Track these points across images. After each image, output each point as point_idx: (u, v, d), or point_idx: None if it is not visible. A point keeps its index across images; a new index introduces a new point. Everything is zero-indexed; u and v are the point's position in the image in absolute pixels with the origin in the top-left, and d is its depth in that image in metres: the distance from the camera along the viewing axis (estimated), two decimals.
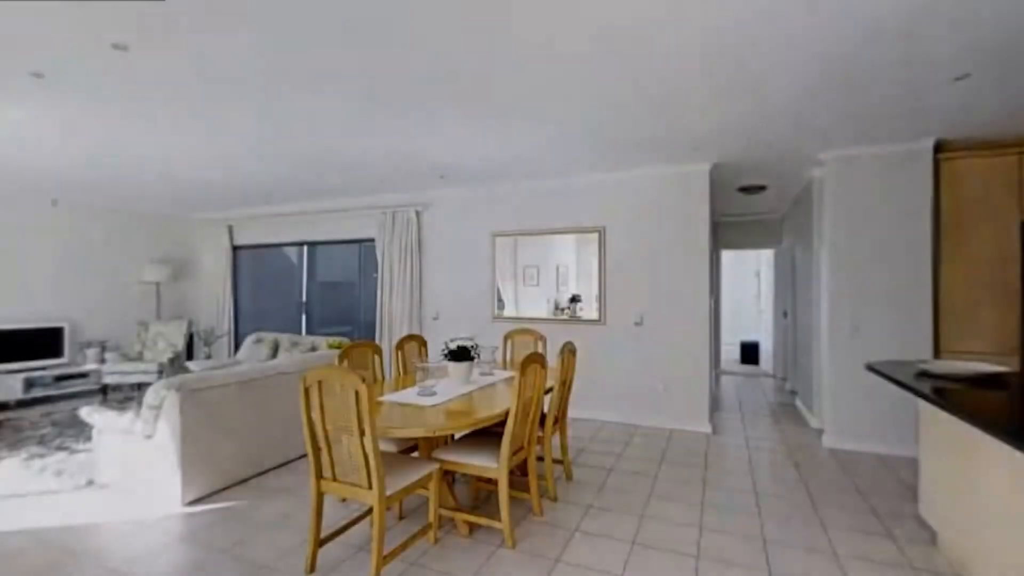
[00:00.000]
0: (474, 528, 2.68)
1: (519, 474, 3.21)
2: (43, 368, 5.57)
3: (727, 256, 9.71)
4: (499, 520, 2.52)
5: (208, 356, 6.93)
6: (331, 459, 2.22)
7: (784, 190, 5.43)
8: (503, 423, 2.52)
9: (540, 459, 3.30)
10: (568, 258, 5.05)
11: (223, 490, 3.18)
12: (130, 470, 3.13)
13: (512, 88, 2.80)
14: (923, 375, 2.44)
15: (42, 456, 3.74)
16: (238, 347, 7.10)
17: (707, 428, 4.44)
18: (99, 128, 3.47)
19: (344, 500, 3.01)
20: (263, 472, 3.48)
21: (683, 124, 3.39)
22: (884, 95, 2.88)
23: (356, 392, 2.05)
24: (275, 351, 5.69)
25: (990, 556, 1.99)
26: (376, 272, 6.05)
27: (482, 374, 3.31)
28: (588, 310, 4.95)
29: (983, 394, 2.09)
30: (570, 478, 3.37)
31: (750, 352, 8.34)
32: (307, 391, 2.19)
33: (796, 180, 4.96)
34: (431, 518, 2.52)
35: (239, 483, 3.30)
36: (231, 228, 7.16)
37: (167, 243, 7.16)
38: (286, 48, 2.34)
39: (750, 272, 9.83)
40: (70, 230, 6.08)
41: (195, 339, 7.10)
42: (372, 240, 6.15)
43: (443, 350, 3.04)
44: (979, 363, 2.57)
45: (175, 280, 7.09)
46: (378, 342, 5.86)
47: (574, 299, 5.02)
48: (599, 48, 2.34)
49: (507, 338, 4.09)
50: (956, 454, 2.23)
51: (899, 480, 3.34)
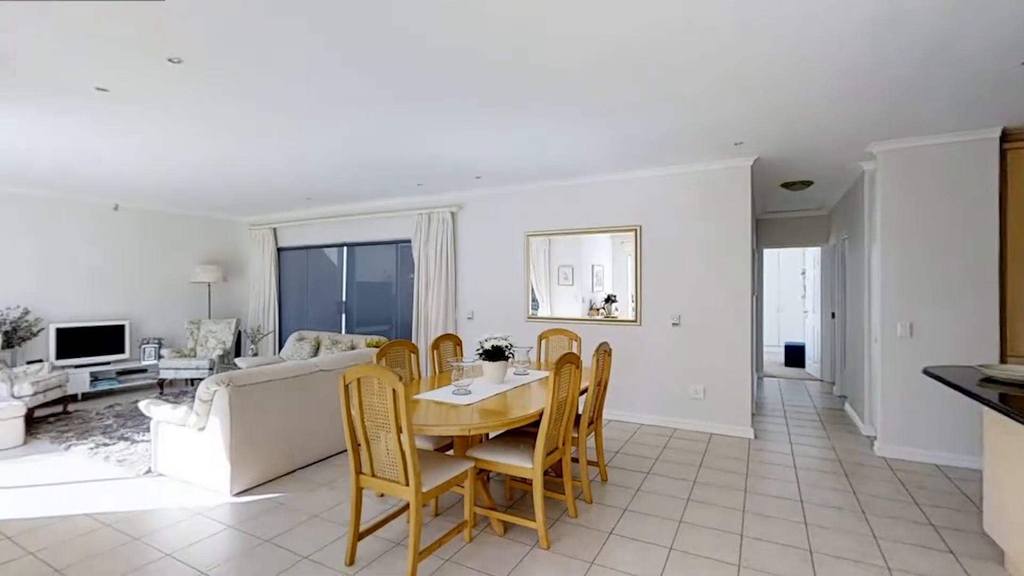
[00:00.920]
0: (508, 527, 2.69)
1: (554, 475, 3.20)
2: (107, 363, 5.96)
3: (770, 255, 9.38)
4: (533, 520, 2.52)
5: (255, 353, 7.24)
6: (369, 455, 2.27)
7: (832, 185, 5.19)
8: (537, 423, 2.52)
9: (575, 460, 3.28)
10: (603, 257, 4.99)
11: (268, 482, 3.32)
12: (184, 461, 3.31)
13: (548, 85, 2.79)
14: (988, 381, 2.28)
15: (106, 445, 4.01)
16: (282, 345, 7.40)
17: (749, 433, 4.30)
18: (155, 137, 3.69)
19: (382, 495, 3.09)
20: (305, 466, 3.60)
21: (725, 117, 3.28)
22: (946, 81, 2.71)
23: (393, 390, 2.09)
24: (316, 349, 5.90)
25: None
26: (412, 272, 6.16)
27: (516, 374, 3.31)
28: (624, 310, 4.88)
29: None
30: (605, 480, 3.33)
31: (795, 355, 8.00)
32: (347, 389, 2.26)
33: (845, 174, 4.72)
34: (466, 516, 2.54)
35: (283, 476, 3.43)
36: (275, 231, 7.46)
37: (217, 246, 7.52)
38: (327, 58, 2.41)
39: (795, 271, 9.45)
40: (130, 234, 6.48)
41: (243, 337, 7.44)
42: (408, 241, 6.26)
43: (478, 349, 3.07)
44: None
45: (224, 281, 7.44)
46: (414, 341, 5.97)
47: (609, 299, 4.96)
48: (638, 41, 2.30)
49: (541, 338, 4.08)
50: None
51: (960, 492, 3.13)
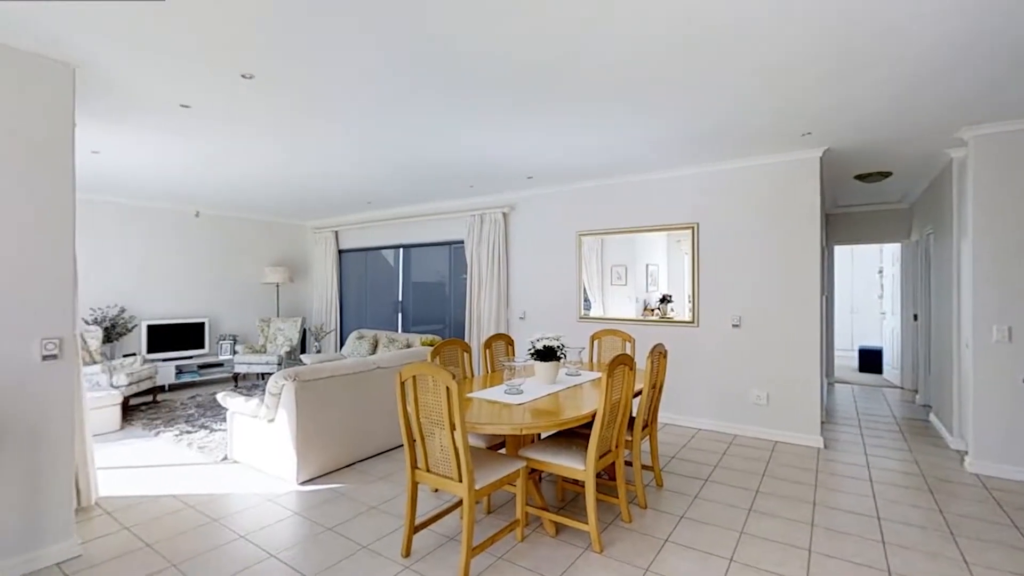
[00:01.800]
0: (560, 529, 2.67)
1: (606, 478, 3.15)
2: (190, 357, 6.50)
3: (842, 252, 8.75)
4: (586, 523, 2.49)
5: (318, 350, 7.64)
6: (424, 451, 2.33)
7: (914, 175, 4.77)
8: (589, 425, 2.49)
9: (628, 464, 3.21)
10: (658, 256, 4.85)
11: (330, 473, 3.49)
12: (256, 449, 3.54)
13: (600, 82, 2.75)
14: None
15: (189, 433, 4.37)
16: (343, 342, 7.75)
17: (818, 442, 4.03)
18: (230, 148, 3.98)
19: (436, 491, 3.16)
20: (364, 459, 3.75)
21: (790, 105, 3.09)
22: None
23: (447, 388, 2.13)
24: (375, 347, 6.13)
25: None
26: (465, 273, 6.26)
27: (568, 374, 3.29)
28: (680, 311, 4.72)
29: None
30: (661, 485, 3.24)
31: (871, 360, 7.42)
32: (403, 386, 2.33)
33: (929, 163, 4.32)
34: (518, 515, 2.55)
35: (344, 467, 3.59)
36: (337, 234, 7.83)
37: (284, 248, 7.99)
38: (384, 67, 2.50)
39: (871, 269, 8.77)
40: (209, 238, 7.02)
41: (307, 334, 7.87)
42: (461, 242, 6.38)
43: (529, 349, 3.07)
44: None
45: (291, 281, 7.90)
46: (467, 340, 6.07)
47: (665, 299, 4.82)
48: (694, 27, 2.21)
49: (594, 338, 4.03)
50: None
51: None
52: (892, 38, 2.25)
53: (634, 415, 2.98)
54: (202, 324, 6.72)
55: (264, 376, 7.06)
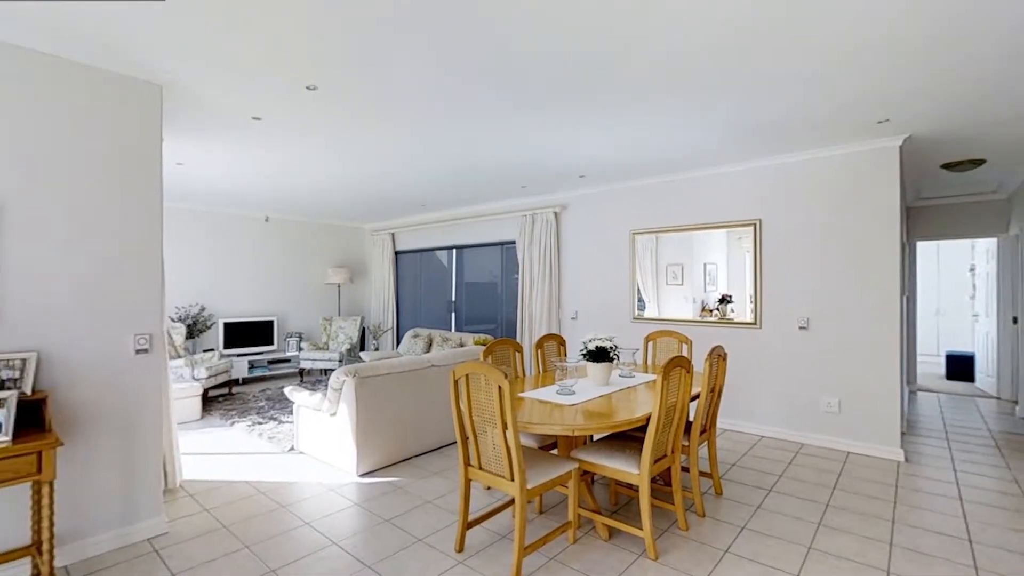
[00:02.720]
0: (613, 533, 2.63)
1: (662, 483, 3.06)
2: (260, 353, 6.95)
3: (926, 249, 8.03)
4: (640, 528, 2.43)
5: (376, 348, 7.94)
6: (477, 449, 2.37)
7: (1012, 162, 4.29)
8: (644, 428, 2.43)
9: (685, 470, 3.10)
10: (717, 255, 4.66)
11: (387, 467, 3.61)
12: (319, 441, 3.73)
13: (655, 76, 2.68)
14: None
15: (260, 424, 4.67)
16: (399, 341, 8.01)
17: (897, 454, 3.72)
18: (295, 156, 4.21)
19: (488, 488, 3.20)
20: (419, 454, 3.86)
21: (869, 90, 2.86)
22: None
23: (499, 387, 2.15)
24: (429, 345, 6.29)
25: None
26: (517, 273, 6.30)
27: (621, 376, 3.23)
28: (741, 312, 4.50)
29: None
30: (720, 493, 3.10)
31: (961, 366, 6.75)
32: (456, 384, 2.38)
33: None
34: (570, 516, 2.53)
35: (400, 462, 3.71)
36: (393, 236, 8.10)
37: (345, 250, 8.37)
38: (437, 72, 2.56)
39: (960, 267, 8.00)
40: (277, 241, 7.47)
41: (366, 333, 8.20)
42: (513, 242, 6.42)
43: (581, 350, 3.04)
44: None
45: (351, 282, 8.25)
46: (518, 340, 6.10)
47: (724, 299, 4.62)
48: (767, 10, 2.11)
49: (648, 340, 3.93)
50: None
51: None
52: (986, 8, 2.03)
53: (691, 420, 2.87)
54: (271, 322, 7.16)
55: (327, 372, 7.42)
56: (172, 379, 4.04)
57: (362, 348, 8.06)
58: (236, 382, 6.61)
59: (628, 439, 2.83)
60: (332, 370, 6.92)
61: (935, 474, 3.45)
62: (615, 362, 3.04)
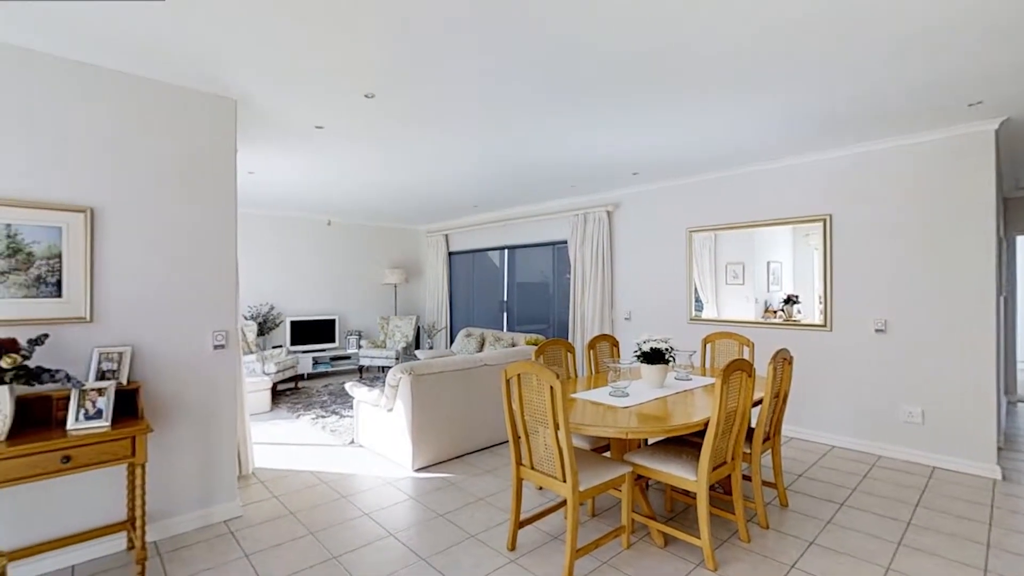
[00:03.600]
0: (669, 540, 2.55)
1: (721, 491, 2.94)
2: (323, 350, 7.31)
3: None
4: (697, 536, 2.34)
5: (430, 346, 8.15)
6: (529, 448, 2.37)
7: None
8: (701, 433, 2.34)
9: (747, 478, 2.96)
10: (781, 252, 4.40)
11: (441, 463, 3.69)
12: (377, 436, 3.88)
13: (713, 66, 2.57)
14: None
15: (323, 417, 4.91)
16: (453, 339, 8.17)
17: (993, 472, 3.36)
18: (353, 162, 4.40)
19: (540, 488, 3.20)
20: (471, 452, 3.92)
21: (959, 69, 2.59)
22: None
23: (551, 387, 2.15)
24: (482, 345, 6.38)
25: None
26: (568, 273, 6.25)
27: (677, 378, 3.12)
28: (808, 313, 4.23)
29: None
30: (785, 505, 2.93)
31: None
32: (508, 383, 2.39)
33: None
34: (624, 521, 2.48)
35: (453, 459, 3.78)
36: (447, 237, 8.27)
37: (401, 252, 8.64)
38: (489, 73, 2.59)
39: None
40: (338, 244, 7.83)
41: (420, 331, 8.43)
42: (564, 242, 6.37)
43: (635, 351, 2.97)
44: None
45: (407, 282, 8.51)
46: (570, 340, 6.05)
47: (790, 300, 4.36)
48: None
49: (706, 341, 3.78)
50: None
51: None
52: None
53: (753, 426, 2.74)
54: (333, 321, 7.52)
55: (384, 369, 7.69)
56: (245, 373, 4.35)
57: (417, 346, 8.29)
58: (301, 377, 6.99)
59: (685, 444, 2.74)
60: (389, 367, 7.17)
61: None
62: (671, 364, 2.95)
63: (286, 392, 6.12)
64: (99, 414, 2.14)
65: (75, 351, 2.37)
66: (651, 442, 3.06)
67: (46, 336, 2.12)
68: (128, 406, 2.37)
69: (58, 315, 2.33)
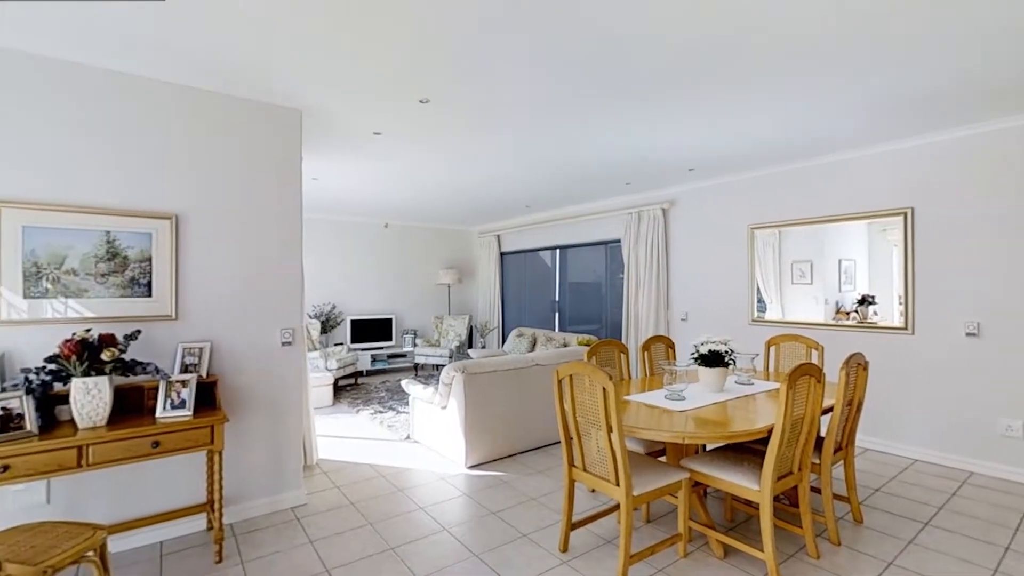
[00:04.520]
0: (729, 551, 2.44)
1: (787, 503, 2.78)
2: (381, 348, 7.59)
3: None
4: (760, 549, 2.23)
5: (483, 346, 8.25)
6: (581, 450, 2.35)
7: None
8: (764, 441, 2.22)
9: (816, 491, 2.78)
10: (855, 249, 4.09)
11: (493, 461, 3.73)
12: (431, 432, 3.98)
13: (787, 51, 2.43)
14: None
15: (381, 412, 5.10)
16: (505, 339, 8.23)
17: None
18: (410, 166, 4.53)
19: (593, 491, 3.15)
20: (523, 451, 3.93)
21: None
22: None
23: (603, 389, 2.11)
24: (533, 344, 6.38)
25: None
26: (621, 273, 6.12)
27: (738, 382, 2.98)
28: (887, 314, 3.91)
29: None
30: (859, 521, 2.73)
31: None
32: (560, 384, 2.38)
33: None
34: (680, 529, 2.40)
35: (505, 457, 3.81)
36: (499, 237, 8.34)
37: (454, 252, 8.81)
38: (540, 71, 2.59)
39: None
40: (394, 245, 8.10)
41: (473, 331, 8.56)
42: (618, 241, 6.25)
43: (692, 353, 2.86)
44: None
45: (460, 282, 8.67)
46: (623, 341, 5.93)
47: (865, 300, 4.05)
48: None
49: (770, 344, 3.58)
50: None
51: None
52: None
53: (823, 435, 2.57)
54: (390, 320, 7.79)
55: (438, 367, 7.87)
56: (309, 369, 4.60)
57: (470, 345, 8.42)
58: (361, 374, 7.29)
59: (746, 451, 2.61)
60: (443, 365, 7.33)
61: None
62: (731, 367, 2.82)
63: (346, 388, 6.40)
64: (183, 404, 2.33)
65: (162, 346, 2.60)
66: (710, 448, 2.93)
67: (139, 332, 2.34)
68: (207, 397, 2.57)
69: (148, 313, 2.57)
